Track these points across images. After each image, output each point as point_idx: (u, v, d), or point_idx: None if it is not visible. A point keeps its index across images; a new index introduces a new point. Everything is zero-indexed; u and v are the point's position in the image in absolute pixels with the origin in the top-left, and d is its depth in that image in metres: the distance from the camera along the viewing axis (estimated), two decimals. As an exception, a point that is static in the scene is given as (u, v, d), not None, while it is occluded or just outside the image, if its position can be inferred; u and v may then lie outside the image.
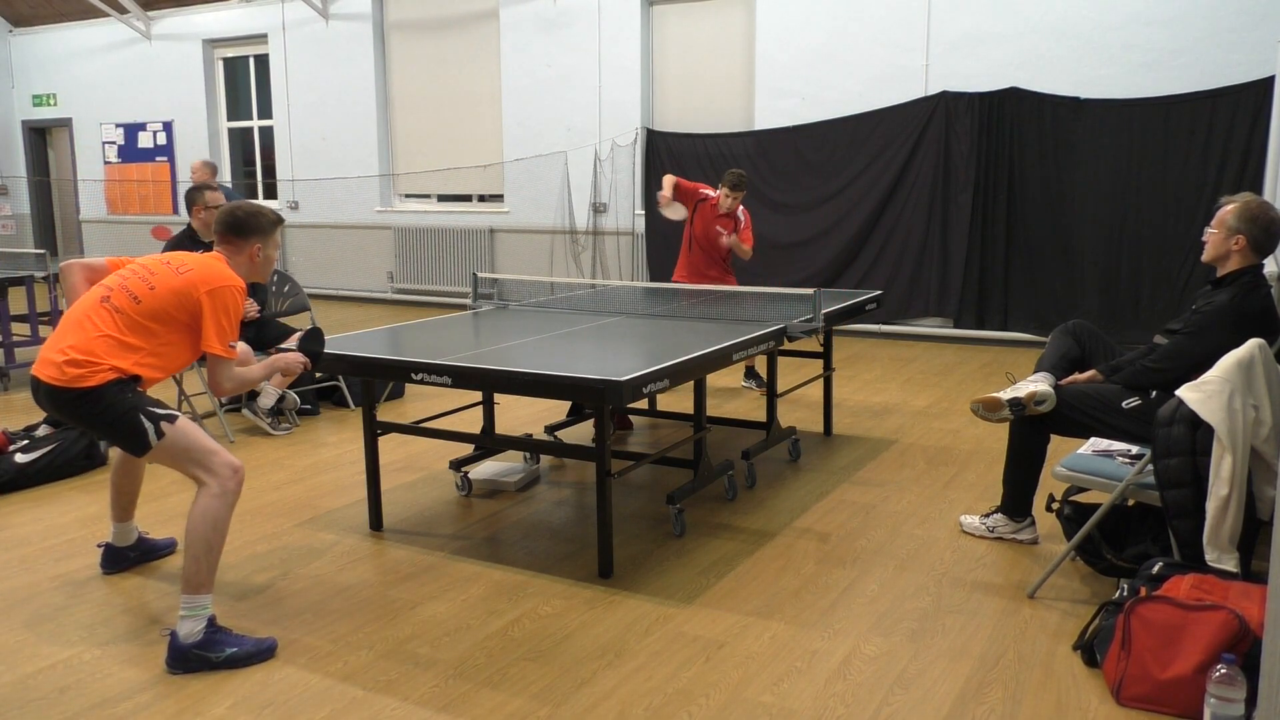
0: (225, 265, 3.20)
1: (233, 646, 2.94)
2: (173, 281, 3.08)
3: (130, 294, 3.08)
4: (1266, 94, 6.92)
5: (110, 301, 3.08)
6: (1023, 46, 7.95)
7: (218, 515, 2.97)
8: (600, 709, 2.68)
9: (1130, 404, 3.47)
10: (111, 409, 3.00)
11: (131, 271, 3.17)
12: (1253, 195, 3.48)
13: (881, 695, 2.74)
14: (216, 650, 2.91)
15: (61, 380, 3.00)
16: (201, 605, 2.94)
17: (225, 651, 2.92)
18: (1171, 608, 2.61)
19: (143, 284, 3.09)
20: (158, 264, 3.17)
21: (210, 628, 2.94)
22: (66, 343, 3.03)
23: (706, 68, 9.54)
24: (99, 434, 3.20)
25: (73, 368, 2.99)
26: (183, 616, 2.93)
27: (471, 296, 5.12)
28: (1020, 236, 8.12)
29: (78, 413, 3.05)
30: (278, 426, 5.62)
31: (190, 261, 3.16)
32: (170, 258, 3.19)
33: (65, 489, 4.64)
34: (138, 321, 3.06)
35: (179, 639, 2.90)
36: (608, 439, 3.49)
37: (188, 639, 2.90)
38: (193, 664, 2.89)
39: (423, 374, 3.53)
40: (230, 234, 3.27)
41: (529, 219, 10.46)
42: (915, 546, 3.82)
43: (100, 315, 3.06)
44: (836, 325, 5.09)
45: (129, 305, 3.06)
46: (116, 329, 3.04)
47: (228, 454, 3.07)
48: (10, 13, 14.12)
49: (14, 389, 6.77)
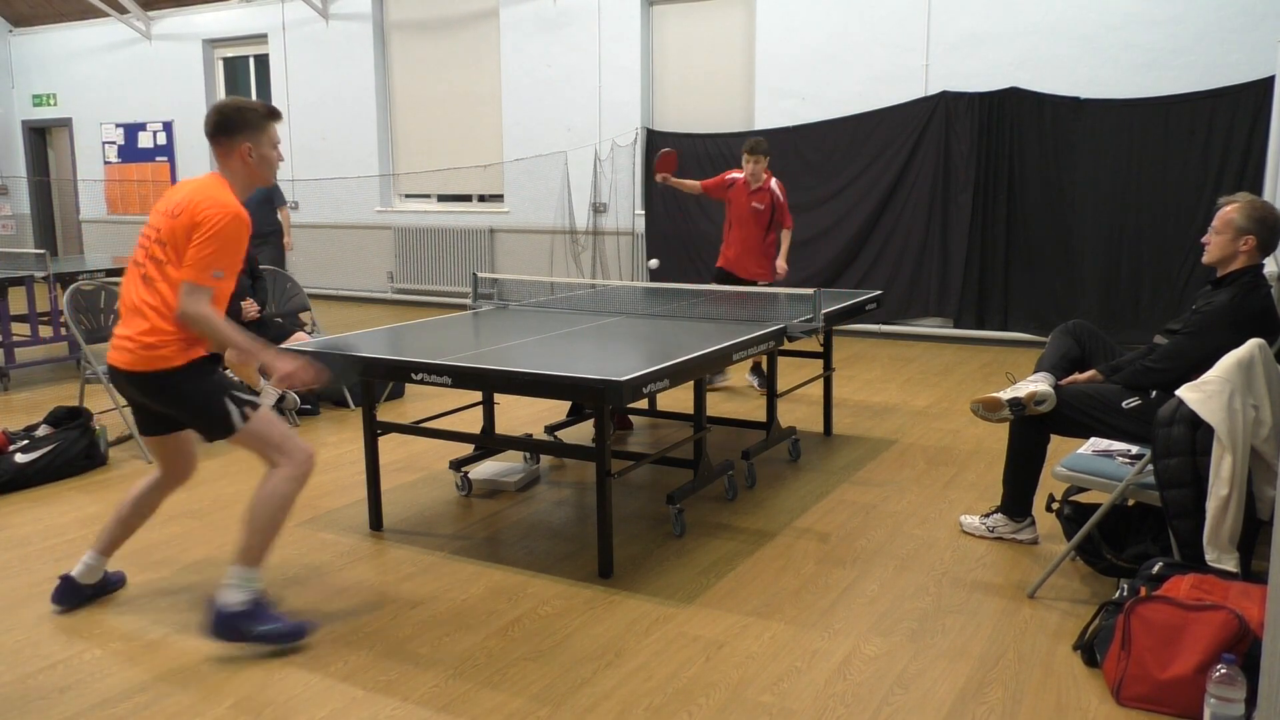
0: (217, 187, 3.02)
1: (272, 623, 3.00)
2: (172, 225, 2.96)
3: (153, 258, 2.99)
4: (1266, 94, 6.92)
5: (145, 273, 3.01)
6: (1023, 46, 7.95)
7: (287, 496, 3.03)
8: (600, 709, 2.68)
9: (1130, 404, 3.47)
10: (198, 391, 3.00)
11: (145, 236, 3.07)
12: (1251, 195, 3.48)
13: (881, 695, 2.74)
14: (256, 623, 2.97)
15: (142, 365, 2.96)
16: (251, 579, 3.00)
17: (263, 626, 2.98)
18: (1171, 608, 2.61)
19: (156, 244, 3.00)
20: (158, 216, 3.05)
21: (254, 602, 2.99)
22: (133, 327, 2.98)
23: (706, 67, 9.54)
24: (184, 415, 3.09)
25: (147, 351, 2.95)
26: (231, 586, 2.97)
27: (471, 296, 5.12)
28: (1020, 237, 8.12)
29: (164, 395, 3.02)
30: None
31: (180, 196, 3.02)
32: (165, 205, 3.06)
33: (65, 489, 4.64)
34: (171, 278, 2.95)
35: (222, 606, 2.95)
36: (608, 439, 3.49)
37: (231, 608, 2.95)
38: (232, 633, 2.95)
39: (423, 374, 3.53)
40: (218, 134, 3.07)
41: (529, 219, 10.46)
42: (915, 546, 3.82)
43: (143, 290, 2.99)
44: (836, 325, 5.09)
45: (157, 271, 2.98)
46: (161, 299, 2.96)
47: (301, 439, 3.11)
48: (10, 13, 14.12)
49: (14, 389, 6.77)
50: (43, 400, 6.30)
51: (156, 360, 2.95)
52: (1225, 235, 3.41)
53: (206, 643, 3.05)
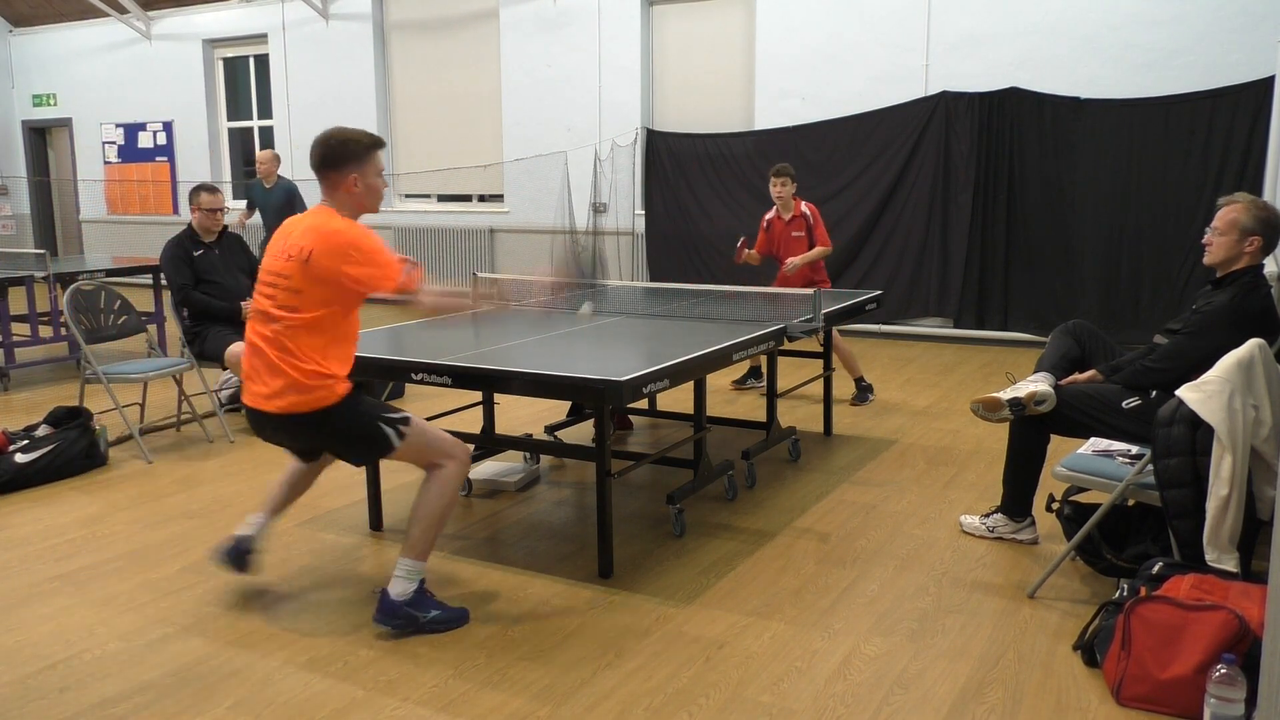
0: (330, 217, 3.07)
1: (437, 609, 3.11)
2: (300, 268, 2.97)
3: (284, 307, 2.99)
4: (1266, 94, 6.92)
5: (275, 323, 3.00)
6: (1023, 46, 7.95)
7: (453, 491, 3.13)
8: (600, 709, 2.68)
9: (1130, 404, 3.47)
10: (354, 423, 3.06)
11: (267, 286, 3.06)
12: (1250, 195, 3.47)
13: (881, 695, 2.74)
14: (424, 610, 3.08)
15: (301, 407, 2.99)
16: (418, 570, 3.10)
17: (430, 613, 3.09)
18: (1171, 608, 2.61)
19: (286, 291, 2.99)
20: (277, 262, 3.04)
21: (419, 590, 3.09)
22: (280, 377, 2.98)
23: (706, 68, 9.54)
24: (340, 446, 3.15)
25: (303, 394, 2.98)
26: (399, 577, 3.06)
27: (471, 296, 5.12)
28: (1020, 236, 8.12)
29: (320, 433, 3.08)
30: None
31: (296, 238, 3.03)
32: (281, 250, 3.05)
33: (65, 489, 4.64)
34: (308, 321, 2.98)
35: (391, 596, 3.05)
36: (608, 439, 3.49)
37: (400, 597, 3.05)
38: (401, 620, 3.05)
39: (423, 374, 3.53)
40: (324, 168, 3.10)
41: (529, 219, 10.46)
42: (915, 546, 3.82)
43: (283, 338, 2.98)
44: (836, 325, 5.09)
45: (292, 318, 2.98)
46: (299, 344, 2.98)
47: (451, 436, 3.21)
48: (10, 13, 14.13)
49: (14, 389, 6.77)
50: (43, 400, 6.30)
51: (315, 401, 2.99)
52: (1230, 236, 3.39)
53: (205, 642, 3.06)
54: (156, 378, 5.33)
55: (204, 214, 5.61)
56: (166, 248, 5.63)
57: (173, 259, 5.57)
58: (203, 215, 5.61)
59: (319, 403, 3.00)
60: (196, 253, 5.61)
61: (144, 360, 5.58)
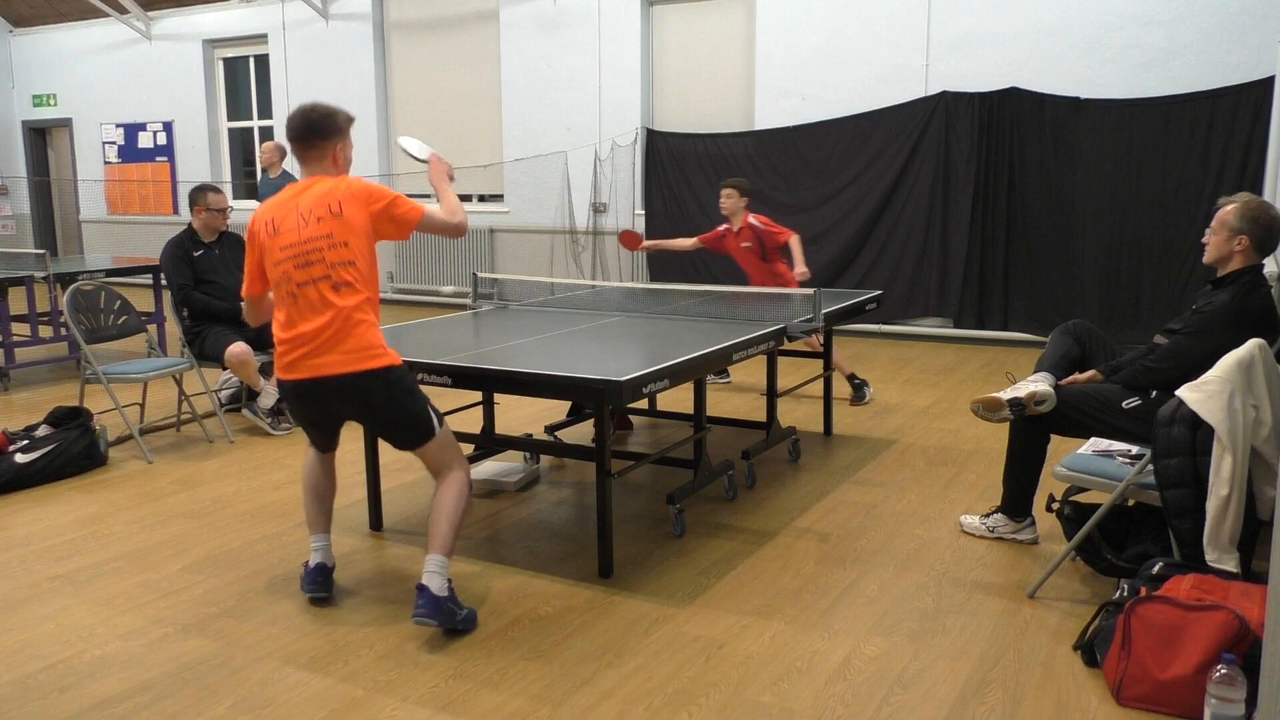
0: (331, 179, 3.15)
1: (464, 610, 3.15)
2: (341, 223, 3.06)
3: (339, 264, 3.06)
4: (1266, 94, 6.92)
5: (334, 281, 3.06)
6: (1023, 46, 7.95)
7: (467, 495, 3.24)
8: (600, 709, 2.68)
9: (1130, 404, 3.47)
10: (411, 395, 3.16)
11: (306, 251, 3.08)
12: (1251, 195, 3.48)
13: (881, 695, 2.74)
14: (459, 607, 3.12)
15: (367, 363, 3.06)
16: (446, 566, 3.12)
17: (462, 611, 3.13)
18: (1171, 608, 2.61)
19: (334, 248, 3.05)
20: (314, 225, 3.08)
21: (450, 586, 3.13)
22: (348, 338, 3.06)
23: (706, 68, 9.54)
24: (389, 418, 3.17)
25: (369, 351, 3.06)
26: (435, 573, 3.08)
27: (471, 296, 5.12)
28: (1020, 237, 8.12)
29: (381, 394, 3.11)
30: (278, 426, 5.62)
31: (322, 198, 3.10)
32: (306, 214, 3.10)
33: (65, 489, 4.64)
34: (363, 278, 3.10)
35: (434, 592, 3.05)
36: (608, 439, 3.49)
37: (440, 591, 3.07)
38: (445, 614, 3.06)
39: (423, 374, 3.53)
40: (312, 137, 3.16)
41: (529, 219, 10.46)
42: (915, 546, 3.82)
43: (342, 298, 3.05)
44: (836, 325, 5.09)
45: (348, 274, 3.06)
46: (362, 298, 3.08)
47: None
48: (10, 13, 14.13)
49: (14, 389, 6.77)
50: (43, 400, 6.30)
51: (381, 358, 3.08)
52: (1220, 235, 3.42)
53: (205, 642, 3.06)
54: (156, 378, 5.33)
55: (211, 214, 5.61)
56: (166, 248, 5.64)
57: (172, 259, 5.58)
58: (209, 215, 5.61)
59: (389, 360, 3.10)
60: (196, 253, 5.61)
61: (144, 360, 5.58)
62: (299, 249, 3.08)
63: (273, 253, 3.13)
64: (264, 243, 3.16)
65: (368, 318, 3.10)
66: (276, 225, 3.13)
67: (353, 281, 3.07)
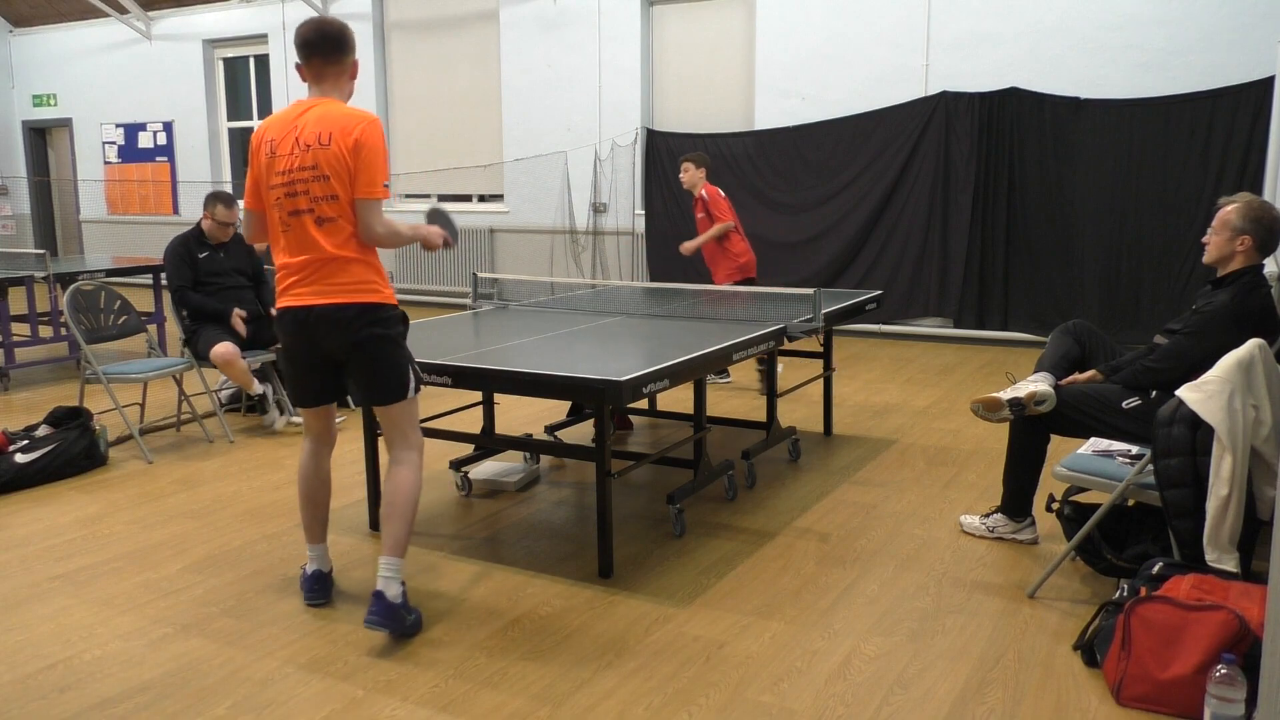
0: (345, 106, 2.99)
1: (413, 612, 3.10)
2: (330, 155, 2.89)
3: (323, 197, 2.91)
4: (1266, 94, 6.92)
5: (317, 215, 2.92)
6: (1023, 46, 7.95)
7: (419, 485, 3.13)
8: (600, 709, 2.68)
9: (1130, 404, 3.47)
10: (397, 346, 3.03)
11: (292, 178, 2.93)
12: (1252, 195, 3.48)
13: (881, 695, 2.74)
14: (409, 612, 3.07)
15: (364, 296, 2.94)
16: (401, 568, 3.06)
17: (412, 615, 3.08)
18: (1171, 608, 2.61)
19: (316, 181, 2.90)
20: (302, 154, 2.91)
21: (403, 590, 3.07)
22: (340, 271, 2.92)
23: (706, 68, 9.54)
24: (371, 366, 3.01)
25: (364, 285, 2.95)
26: (389, 578, 3.01)
27: (471, 296, 5.12)
28: (1020, 237, 8.12)
29: (373, 332, 2.97)
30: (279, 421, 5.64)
31: (316, 123, 2.93)
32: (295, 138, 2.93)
33: (65, 489, 4.64)
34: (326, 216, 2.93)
35: (388, 598, 2.99)
36: (608, 439, 3.49)
37: (396, 598, 3.01)
38: (396, 620, 3.01)
39: (423, 374, 3.53)
40: (331, 53, 2.98)
41: (529, 219, 10.46)
42: (915, 546, 3.82)
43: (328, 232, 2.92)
44: (836, 325, 5.09)
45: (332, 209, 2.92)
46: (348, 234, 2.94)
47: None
48: (10, 13, 14.13)
49: (14, 389, 6.77)
50: (43, 400, 6.30)
51: (375, 294, 2.97)
52: (1222, 235, 3.42)
53: (205, 642, 3.06)
54: (156, 378, 5.33)
55: (214, 224, 5.60)
56: (172, 244, 5.60)
57: (175, 257, 5.56)
58: (212, 225, 5.60)
59: (381, 298, 2.98)
60: (202, 254, 5.60)
61: (144, 360, 5.58)
62: (288, 178, 2.95)
63: (270, 177, 2.99)
64: (262, 164, 3.01)
65: (358, 255, 2.96)
66: (274, 148, 2.98)
67: (336, 217, 2.92)
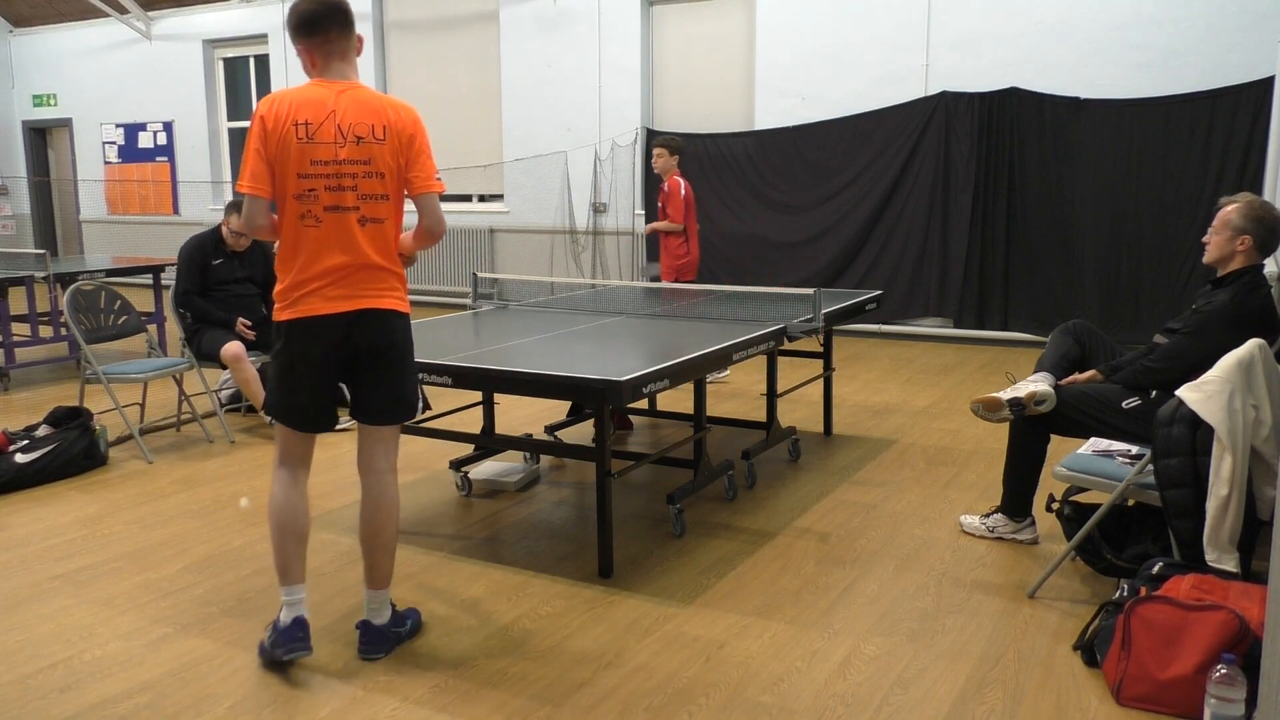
0: (377, 92, 2.81)
1: (409, 617, 3.05)
2: (385, 150, 2.71)
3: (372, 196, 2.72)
4: (1266, 94, 6.91)
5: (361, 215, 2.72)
6: (1023, 46, 7.95)
7: (399, 505, 3.01)
8: (600, 709, 2.68)
9: (1130, 404, 3.47)
10: (412, 357, 2.92)
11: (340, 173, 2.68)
12: (1252, 195, 3.49)
13: (881, 695, 2.74)
14: (402, 624, 3.01)
15: (400, 305, 2.82)
16: (388, 592, 2.98)
17: (408, 621, 3.03)
18: (1171, 608, 2.61)
19: (370, 178, 2.71)
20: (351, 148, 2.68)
21: (392, 608, 3.01)
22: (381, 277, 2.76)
23: (706, 68, 9.54)
24: (398, 371, 2.83)
25: (398, 295, 2.81)
26: (376, 609, 2.95)
27: (471, 296, 5.12)
28: (1020, 237, 8.12)
29: (401, 335, 2.82)
30: None
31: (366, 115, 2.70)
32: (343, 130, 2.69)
33: (65, 489, 4.64)
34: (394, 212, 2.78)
35: (377, 627, 2.93)
36: (608, 439, 3.49)
37: (384, 624, 2.95)
38: (391, 640, 2.96)
39: (423, 374, 3.53)
40: (348, 24, 2.75)
41: (529, 219, 10.46)
42: (915, 546, 3.82)
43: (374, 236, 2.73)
44: (836, 325, 5.09)
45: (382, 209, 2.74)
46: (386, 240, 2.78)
47: None
48: (10, 13, 14.12)
49: (14, 389, 6.77)
50: (43, 400, 6.30)
51: (404, 303, 2.85)
52: (1223, 235, 3.42)
53: (205, 642, 3.06)
54: (156, 378, 5.33)
55: (231, 234, 5.58)
56: (188, 246, 5.55)
57: (189, 261, 5.52)
58: (229, 233, 5.59)
59: (406, 305, 2.87)
60: (216, 261, 5.57)
61: (144, 360, 5.58)
62: (333, 169, 2.69)
63: (301, 163, 2.68)
64: (292, 146, 2.67)
65: (394, 267, 2.82)
66: (311, 131, 2.69)
67: (384, 219, 2.75)
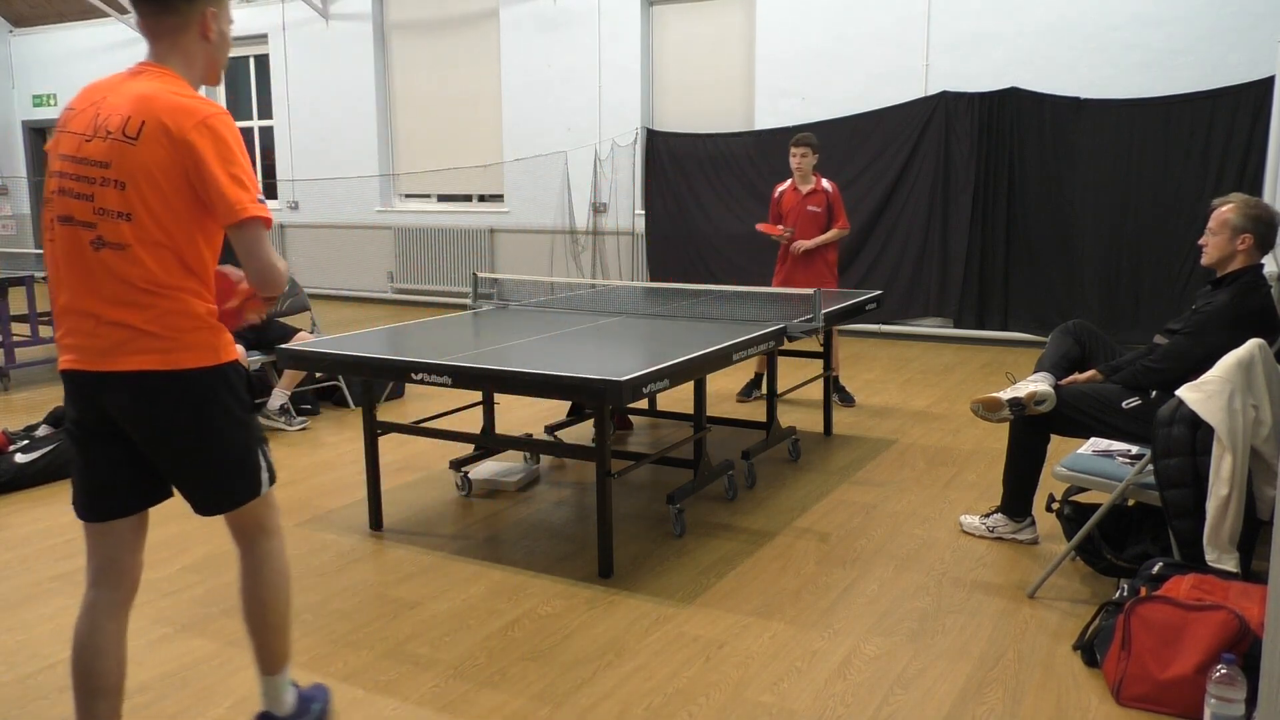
0: (176, 83, 2.10)
1: (318, 700, 2.58)
2: (137, 154, 2.01)
3: (114, 213, 2.02)
4: (1266, 94, 6.91)
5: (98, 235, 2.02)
6: (1023, 46, 7.95)
7: (287, 574, 2.43)
8: (600, 709, 2.68)
9: (1130, 404, 3.47)
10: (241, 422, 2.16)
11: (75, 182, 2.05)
12: (1245, 195, 3.49)
13: (881, 695, 2.74)
14: (307, 708, 2.54)
15: (164, 362, 2.06)
16: (288, 674, 2.48)
17: (313, 705, 2.55)
18: (1171, 608, 2.61)
19: (110, 188, 2.02)
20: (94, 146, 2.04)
21: (295, 689, 2.52)
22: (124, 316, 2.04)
23: (706, 68, 9.54)
24: (199, 459, 2.18)
25: (167, 342, 2.05)
26: (274, 697, 2.45)
27: (471, 296, 5.12)
28: (1020, 237, 8.12)
29: (181, 420, 2.11)
30: (292, 422, 5.64)
31: (124, 109, 2.03)
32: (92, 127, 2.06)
33: (65, 489, 4.60)
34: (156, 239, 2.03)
35: (281, 716, 2.47)
36: (608, 439, 3.49)
37: (290, 708, 2.48)
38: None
39: (423, 374, 3.53)
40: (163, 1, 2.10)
41: (529, 219, 10.46)
42: (915, 546, 3.82)
43: (116, 262, 2.03)
44: (837, 325, 5.09)
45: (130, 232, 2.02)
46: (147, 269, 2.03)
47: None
48: (10, 13, 14.12)
49: (14, 389, 6.77)
50: (43, 400, 6.30)
51: (185, 357, 2.07)
52: (1222, 235, 3.42)
53: (204, 642, 3.06)
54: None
55: None
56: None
57: None
58: None
59: (192, 360, 2.07)
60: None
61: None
62: (72, 167, 2.06)
63: (52, 158, 2.11)
64: (54, 138, 2.14)
65: (164, 291, 2.04)
66: (69, 118, 2.12)
67: (128, 246, 2.01)
